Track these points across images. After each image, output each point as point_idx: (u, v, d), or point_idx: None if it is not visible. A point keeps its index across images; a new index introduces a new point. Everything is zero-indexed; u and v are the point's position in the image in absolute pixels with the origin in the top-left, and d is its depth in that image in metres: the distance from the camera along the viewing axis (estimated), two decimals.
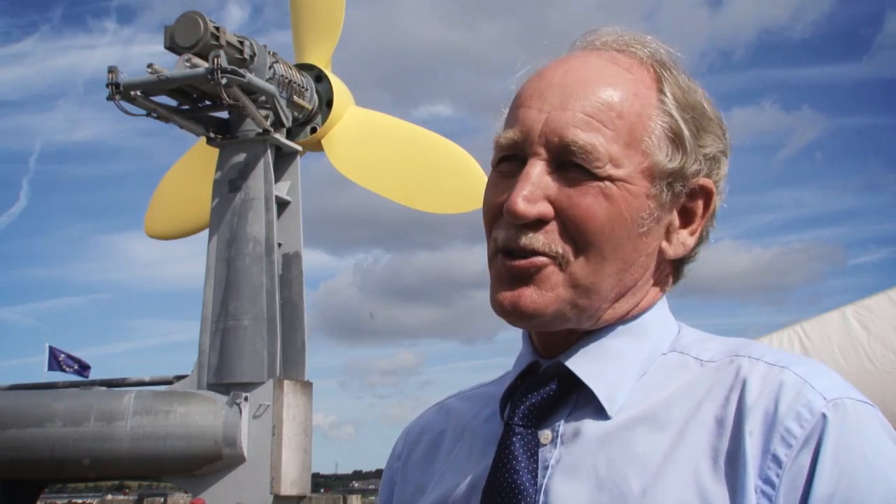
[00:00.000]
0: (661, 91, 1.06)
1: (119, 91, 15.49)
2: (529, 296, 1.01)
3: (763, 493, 0.91)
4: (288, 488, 15.36)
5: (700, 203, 1.08)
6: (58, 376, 21.23)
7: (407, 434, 1.25)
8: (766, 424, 0.94)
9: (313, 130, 17.82)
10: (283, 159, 17.43)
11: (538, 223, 1.01)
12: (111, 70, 15.55)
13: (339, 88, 17.93)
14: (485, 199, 1.07)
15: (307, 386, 16.34)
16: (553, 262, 1.01)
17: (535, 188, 1.00)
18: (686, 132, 1.05)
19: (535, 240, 1.01)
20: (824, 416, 0.93)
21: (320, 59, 17.91)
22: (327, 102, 17.80)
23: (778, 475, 0.92)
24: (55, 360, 21.66)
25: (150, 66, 15.54)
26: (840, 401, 0.94)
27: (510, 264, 1.02)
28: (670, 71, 1.08)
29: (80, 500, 64.09)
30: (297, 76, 17.13)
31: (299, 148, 17.57)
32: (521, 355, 1.13)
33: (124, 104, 15.78)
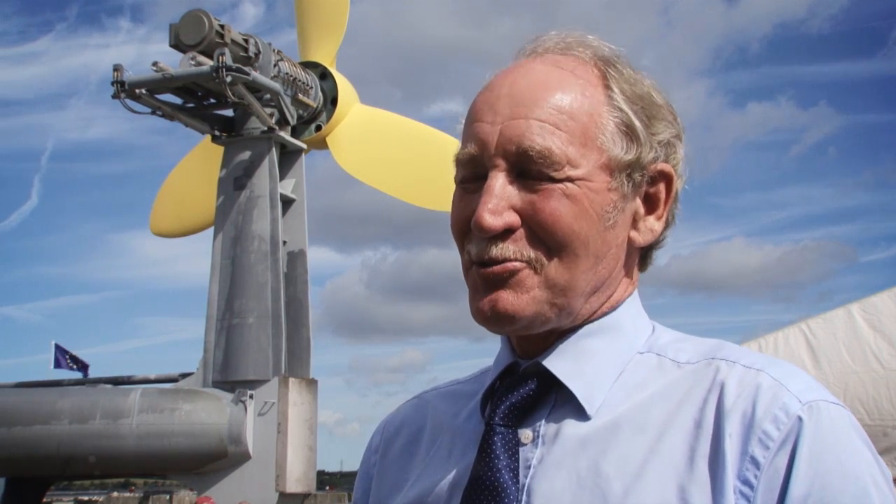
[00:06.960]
0: (607, 87, 1.08)
1: (124, 89, 15.51)
2: (506, 298, 1.03)
3: (742, 493, 0.94)
4: (293, 486, 15.37)
5: (662, 187, 1.10)
6: (64, 374, 21.30)
7: (385, 427, 1.26)
8: (744, 427, 0.96)
9: (318, 128, 17.81)
10: (288, 157, 17.44)
11: (507, 233, 1.03)
12: (116, 68, 15.56)
13: (344, 86, 17.93)
14: (452, 214, 1.09)
15: (312, 383, 16.35)
16: (528, 266, 1.03)
17: (500, 200, 1.02)
18: (637, 123, 1.07)
19: (506, 249, 1.03)
20: (800, 418, 0.95)
21: (325, 56, 17.91)
22: (332, 100, 17.79)
23: (756, 476, 0.94)
24: (61, 358, 21.71)
25: (155, 63, 15.54)
26: (815, 403, 0.97)
27: (485, 271, 1.04)
28: (615, 66, 1.10)
29: (86, 498, 64.21)
30: (301, 74, 17.13)
31: (304, 146, 17.58)
32: (499, 356, 1.15)
33: (130, 102, 15.81)
